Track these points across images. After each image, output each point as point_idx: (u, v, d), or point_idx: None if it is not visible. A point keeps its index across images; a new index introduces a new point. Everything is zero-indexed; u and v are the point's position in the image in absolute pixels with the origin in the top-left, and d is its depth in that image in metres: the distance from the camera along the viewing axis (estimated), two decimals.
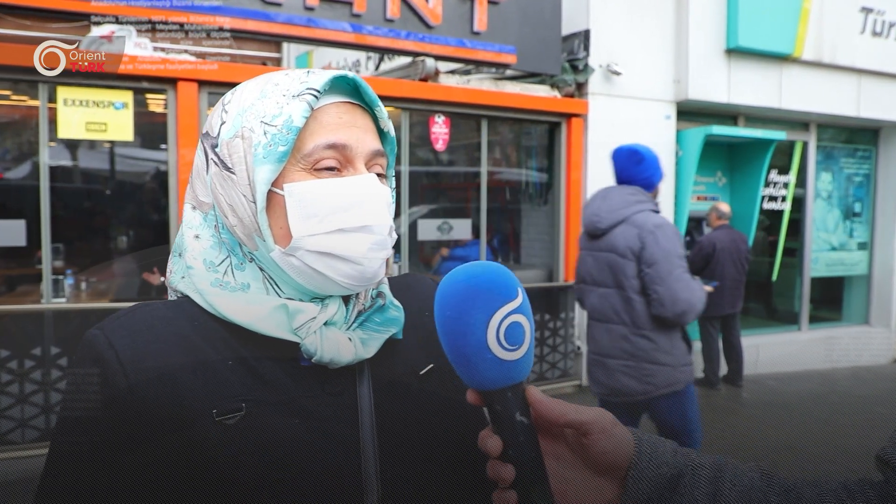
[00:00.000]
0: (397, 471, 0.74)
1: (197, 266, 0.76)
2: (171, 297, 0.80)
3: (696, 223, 6.81)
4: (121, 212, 6.16)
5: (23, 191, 4.89)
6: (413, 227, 5.54)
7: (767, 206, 7.10)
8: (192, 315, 0.74)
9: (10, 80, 4.37)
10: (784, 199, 7.22)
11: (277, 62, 9.34)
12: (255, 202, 0.72)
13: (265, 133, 0.72)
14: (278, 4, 4.60)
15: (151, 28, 4.07)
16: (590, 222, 3.03)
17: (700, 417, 3.09)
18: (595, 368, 3.04)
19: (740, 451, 4.65)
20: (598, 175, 6.06)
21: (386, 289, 0.84)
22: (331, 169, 0.74)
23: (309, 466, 0.70)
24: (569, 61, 5.95)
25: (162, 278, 4.98)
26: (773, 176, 7.11)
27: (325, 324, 0.75)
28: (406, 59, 5.62)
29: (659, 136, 6.26)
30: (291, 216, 0.72)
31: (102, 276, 5.12)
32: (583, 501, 0.66)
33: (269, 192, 0.73)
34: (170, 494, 0.66)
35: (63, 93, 4.16)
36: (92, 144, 5.68)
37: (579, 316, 6.08)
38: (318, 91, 0.73)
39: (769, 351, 7.09)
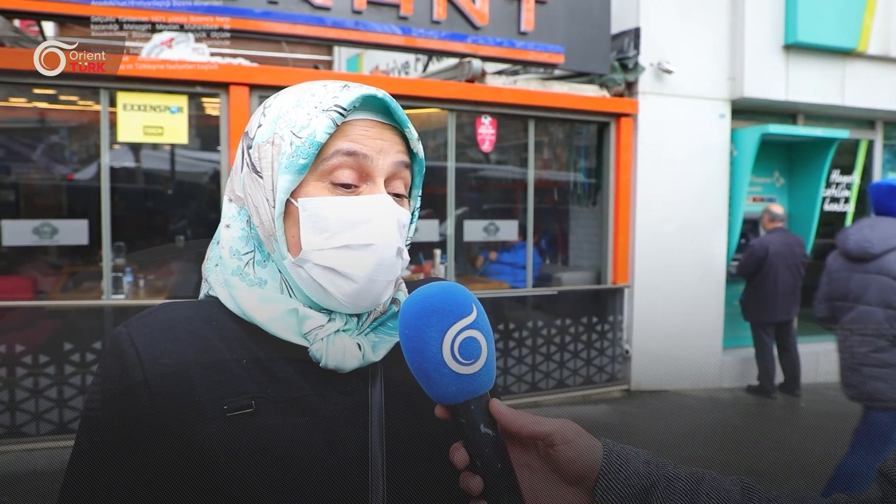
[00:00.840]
0: (404, 473, 0.75)
1: (224, 254, 0.80)
2: (204, 287, 0.84)
3: (751, 225, 6.59)
4: (179, 211, 6.39)
5: (86, 192, 5.13)
6: (459, 228, 5.55)
7: (829, 207, 6.81)
8: (211, 315, 0.78)
9: (76, 87, 4.59)
10: (847, 200, 6.91)
11: (329, 65, 9.52)
12: (274, 208, 0.75)
13: (291, 143, 0.74)
14: (327, 9, 4.68)
15: (152, 29, 4.18)
16: (860, 248, 3.36)
17: None
18: (849, 373, 3.44)
19: (794, 465, 4.47)
20: (648, 176, 5.95)
21: (402, 295, 0.85)
22: (348, 185, 0.75)
23: (315, 464, 0.72)
24: (618, 60, 5.84)
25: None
26: (836, 176, 6.81)
27: (337, 332, 0.78)
28: (453, 61, 5.63)
29: (712, 135, 6.09)
30: (303, 229, 0.75)
31: (160, 274, 5.33)
32: None
33: (288, 202, 0.75)
34: (179, 487, 0.69)
35: (123, 98, 4.34)
36: (151, 147, 5.92)
37: (628, 318, 5.98)
38: (345, 108, 0.74)
39: (830, 359, 6.78)
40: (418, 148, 0.81)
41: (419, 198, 0.86)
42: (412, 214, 0.84)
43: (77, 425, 0.75)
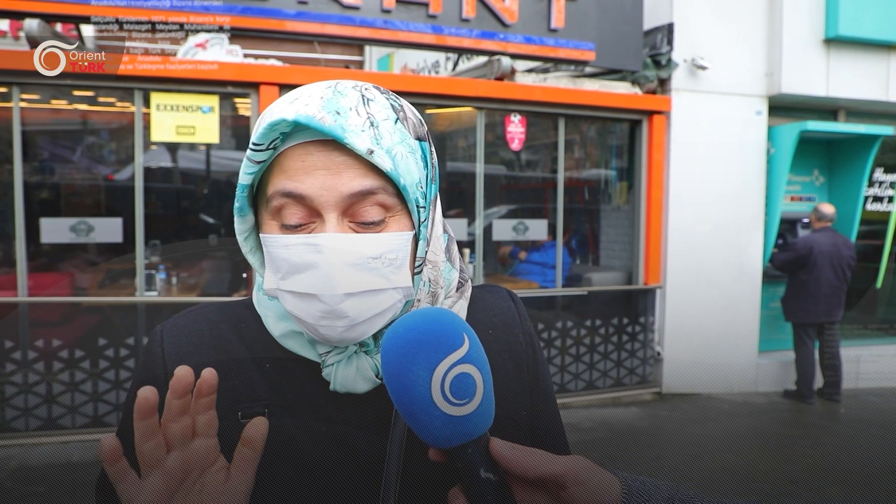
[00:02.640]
0: (420, 483, 0.71)
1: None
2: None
3: (789, 225, 6.41)
4: (211, 210, 6.49)
5: (121, 191, 5.25)
6: (488, 228, 5.51)
7: (871, 206, 6.58)
8: (240, 319, 0.79)
9: (111, 88, 4.69)
10: (891, 199, 6.67)
11: (360, 65, 9.57)
12: (241, 243, 0.75)
13: (244, 171, 0.70)
14: (356, 8, 4.69)
15: (152, 28, 4.22)
16: None
17: None
18: None
19: (831, 473, 4.33)
20: (682, 175, 5.83)
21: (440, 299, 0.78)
22: (294, 227, 0.67)
23: (327, 474, 0.71)
24: (651, 56, 5.74)
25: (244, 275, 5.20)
26: (879, 175, 6.57)
27: (356, 352, 0.73)
28: (482, 59, 5.60)
29: (748, 132, 5.94)
30: (267, 264, 0.71)
31: (192, 272, 5.42)
32: None
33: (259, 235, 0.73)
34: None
35: (156, 98, 4.42)
36: (187, 147, 6.03)
37: (660, 320, 5.87)
38: (257, 143, 0.66)
39: (871, 364, 6.57)
40: (377, 160, 0.66)
41: (422, 210, 0.72)
42: (418, 229, 0.72)
43: (113, 418, 0.77)
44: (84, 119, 5.61)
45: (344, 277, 0.66)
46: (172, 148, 5.94)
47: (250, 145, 0.68)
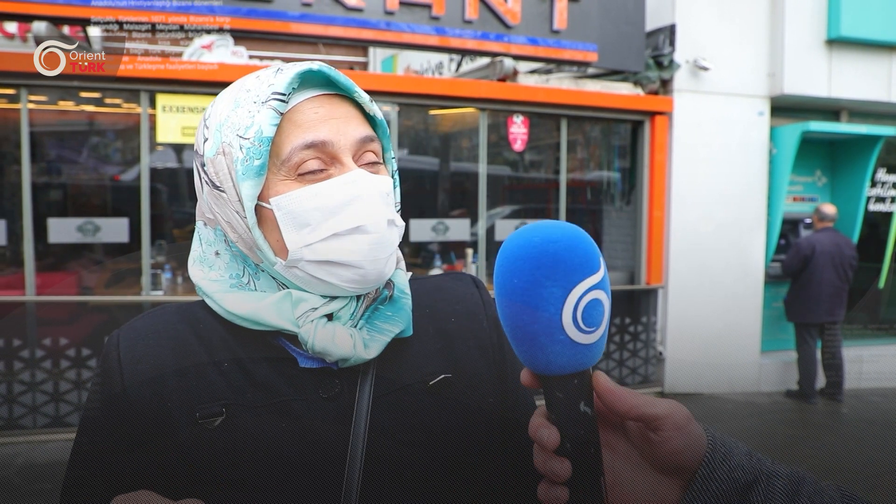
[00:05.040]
0: (383, 480, 0.71)
1: (222, 280, 0.77)
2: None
3: (791, 226, 6.42)
4: None
5: (127, 191, 5.30)
6: (491, 229, 5.55)
7: (874, 207, 6.58)
8: (197, 318, 0.77)
9: (116, 90, 4.74)
10: (894, 199, 6.67)
11: (364, 66, 9.61)
12: (245, 219, 0.71)
13: (241, 147, 0.69)
14: (360, 10, 4.73)
15: (151, 29, 4.25)
16: None
17: None
18: None
19: (834, 472, 4.34)
20: (684, 175, 5.85)
21: (398, 278, 0.81)
22: (316, 171, 0.70)
23: (289, 472, 0.70)
24: (653, 57, 5.76)
25: None
26: (881, 175, 6.58)
27: (332, 318, 0.74)
28: (485, 60, 5.64)
29: (750, 133, 5.95)
30: (284, 229, 0.70)
31: None
32: (638, 500, 0.59)
33: (259, 207, 0.71)
34: (161, 489, 0.66)
35: (162, 100, 4.47)
36: (191, 147, 6.07)
37: (662, 320, 5.89)
38: (283, 93, 0.69)
39: (874, 364, 6.57)
40: (374, 111, 0.76)
41: (394, 160, 0.80)
42: (393, 178, 0.78)
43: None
44: (91, 120, 5.66)
45: (382, 207, 0.72)
46: (178, 148, 5.99)
47: (273, 95, 0.69)
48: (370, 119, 0.77)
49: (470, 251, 5.53)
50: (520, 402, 0.83)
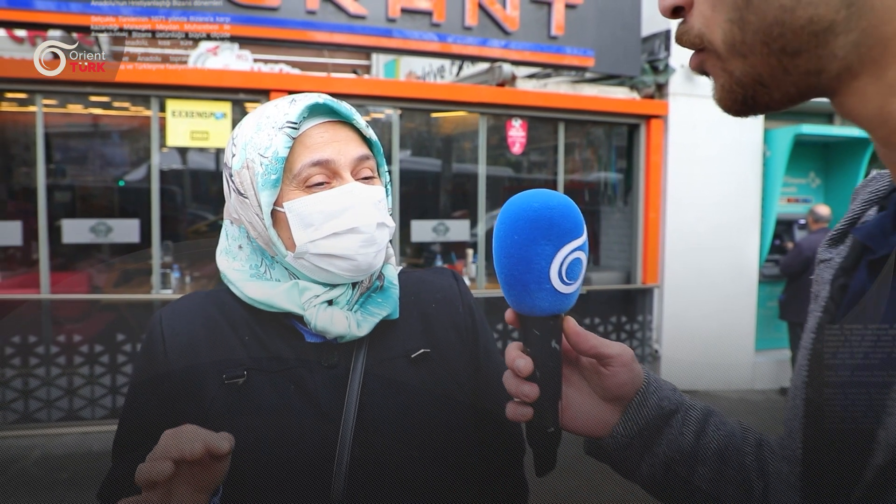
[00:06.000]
0: (370, 438, 0.87)
1: (243, 269, 0.95)
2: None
3: (785, 226, 6.55)
4: (221, 210, 6.69)
5: (135, 193, 5.46)
6: (491, 230, 5.68)
7: None
8: (223, 302, 0.95)
9: (126, 95, 4.91)
10: None
11: (367, 70, 9.76)
12: (264, 220, 0.89)
13: (261, 164, 0.87)
14: (363, 17, 4.88)
15: (155, 36, 4.38)
16: None
17: None
18: None
19: None
20: (680, 177, 5.98)
21: (388, 271, 0.99)
22: (321, 184, 0.88)
23: (294, 425, 0.87)
24: (648, 62, 5.90)
25: None
26: None
27: (332, 303, 0.92)
28: (485, 65, 5.78)
29: (744, 136, 6.08)
30: (293, 228, 0.88)
31: (205, 271, 5.62)
32: (584, 421, 0.72)
33: (274, 210, 0.89)
34: None
35: (171, 105, 4.62)
36: (196, 149, 6.22)
37: (657, 319, 6.02)
38: (295, 122, 0.87)
39: None
40: (370, 134, 0.94)
41: (387, 174, 0.99)
42: (385, 188, 0.96)
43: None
44: (101, 123, 5.82)
45: (373, 212, 0.89)
46: (182, 150, 6.14)
47: (287, 124, 0.87)
48: (367, 140, 0.95)
49: (470, 251, 5.67)
50: (487, 370, 1.01)
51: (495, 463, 1.00)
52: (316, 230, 0.88)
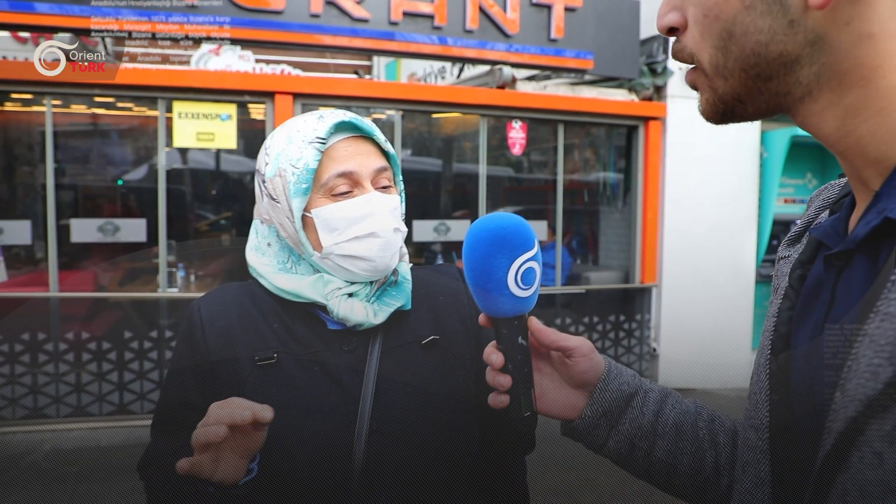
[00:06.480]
0: (387, 410, 0.99)
1: (272, 264, 1.06)
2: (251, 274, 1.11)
3: (782, 227, 6.63)
4: (225, 210, 6.78)
5: (138, 193, 5.54)
6: None
7: None
8: (254, 293, 1.07)
9: (133, 97, 4.98)
10: None
11: (368, 70, 9.84)
12: (294, 223, 0.99)
13: (293, 173, 0.98)
14: (366, 20, 4.96)
15: (152, 37, 4.43)
16: None
17: None
18: None
19: None
20: (678, 178, 6.06)
21: (402, 267, 1.10)
22: (344, 192, 1.00)
23: (319, 401, 0.98)
24: (647, 64, 5.98)
25: None
26: None
27: (351, 295, 1.03)
28: (486, 67, 5.86)
29: (741, 137, 6.16)
30: (320, 232, 0.99)
31: (208, 270, 5.70)
32: (557, 406, 0.85)
33: (303, 215, 1.00)
34: None
35: (178, 107, 4.70)
36: (197, 150, 6.30)
37: (655, 318, 6.10)
38: (324, 138, 0.98)
39: None
40: (388, 148, 1.05)
41: (402, 182, 1.10)
42: (400, 196, 1.08)
43: (137, 406, 1.06)
44: (103, 123, 5.90)
45: (390, 219, 1.01)
46: (183, 150, 6.21)
47: (316, 139, 0.98)
48: (385, 153, 1.06)
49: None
50: None
51: (497, 444, 1.10)
52: (340, 234, 0.99)
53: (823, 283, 0.59)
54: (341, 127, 1.02)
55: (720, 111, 0.62)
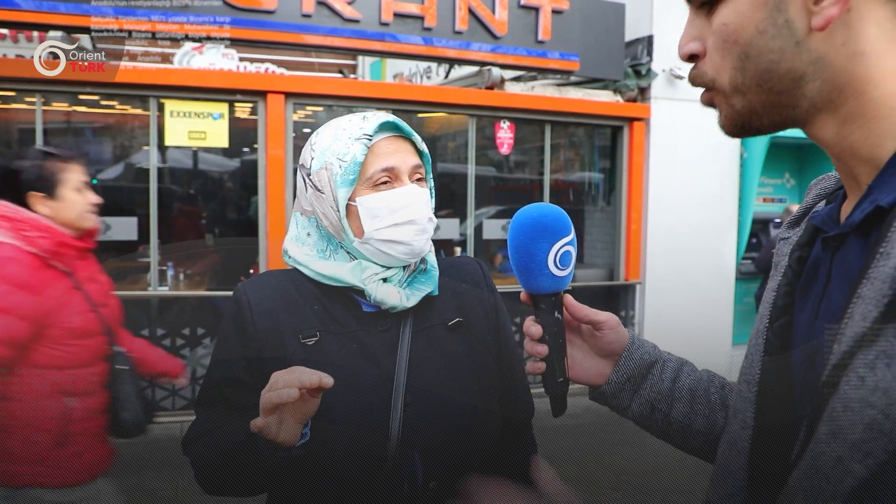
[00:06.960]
0: (420, 384, 1.10)
1: (312, 253, 1.16)
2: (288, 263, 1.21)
3: (761, 225, 6.81)
4: (210, 209, 6.76)
5: (131, 192, 5.52)
6: (479, 227, 5.85)
7: None
8: (295, 279, 1.17)
9: (125, 95, 4.97)
10: None
11: (353, 69, 9.87)
12: (338, 212, 1.10)
13: (339, 166, 1.09)
14: (356, 21, 5.00)
15: (152, 36, 4.45)
16: None
17: None
18: None
19: None
20: (661, 178, 6.20)
21: (430, 257, 1.21)
22: (385, 182, 1.11)
23: (358, 376, 1.08)
24: (631, 66, 6.10)
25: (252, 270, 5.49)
26: None
27: (386, 281, 1.13)
28: (474, 68, 5.94)
29: (722, 138, 6.24)
30: (363, 218, 1.10)
31: (197, 268, 5.70)
32: (587, 373, 0.96)
33: (348, 204, 1.10)
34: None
35: (170, 105, 4.71)
36: (191, 150, 6.29)
37: (639, 314, 6.24)
38: (371, 135, 1.09)
39: None
40: (423, 147, 1.17)
41: (432, 180, 1.22)
42: (431, 190, 1.20)
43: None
44: (84, 121, 5.86)
45: (425, 208, 1.13)
46: (175, 151, 6.19)
47: (363, 136, 1.09)
48: (419, 152, 1.18)
49: (458, 249, 5.83)
50: (506, 340, 1.27)
51: (512, 415, 1.24)
52: (381, 220, 1.09)
53: (821, 261, 0.68)
54: (385, 126, 1.12)
55: (738, 124, 0.70)
